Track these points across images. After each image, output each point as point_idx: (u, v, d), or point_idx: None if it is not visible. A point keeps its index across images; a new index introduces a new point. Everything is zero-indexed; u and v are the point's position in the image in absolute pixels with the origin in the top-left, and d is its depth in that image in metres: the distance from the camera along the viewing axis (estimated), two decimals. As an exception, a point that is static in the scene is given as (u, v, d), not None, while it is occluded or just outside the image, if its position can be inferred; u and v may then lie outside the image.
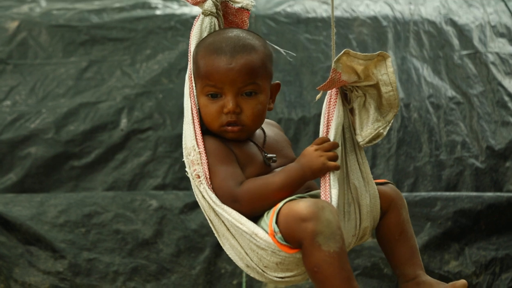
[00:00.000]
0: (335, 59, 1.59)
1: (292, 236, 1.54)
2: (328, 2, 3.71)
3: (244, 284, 3.04)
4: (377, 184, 1.73)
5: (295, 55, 2.70)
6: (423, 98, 3.47)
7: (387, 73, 1.61)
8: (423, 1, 3.79)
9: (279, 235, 1.55)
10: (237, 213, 1.60)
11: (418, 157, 3.35)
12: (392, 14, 3.70)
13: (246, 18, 1.79)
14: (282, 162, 1.71)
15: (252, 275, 1.65)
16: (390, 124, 1.65)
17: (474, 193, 3.23)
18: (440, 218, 3.16)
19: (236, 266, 3.03)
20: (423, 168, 3.33)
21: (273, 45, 1.81)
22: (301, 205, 1.53)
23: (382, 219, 1.71)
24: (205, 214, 1.67)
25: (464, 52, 3.62)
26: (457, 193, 3.23)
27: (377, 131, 1.64)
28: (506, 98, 3.50)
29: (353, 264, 3.08)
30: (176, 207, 3.08)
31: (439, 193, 3.22)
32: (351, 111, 1.67)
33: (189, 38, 3.81)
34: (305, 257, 1.53)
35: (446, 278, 3.10)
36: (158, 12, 3.56)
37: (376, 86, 1.63)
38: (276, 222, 1.56)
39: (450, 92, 3.50)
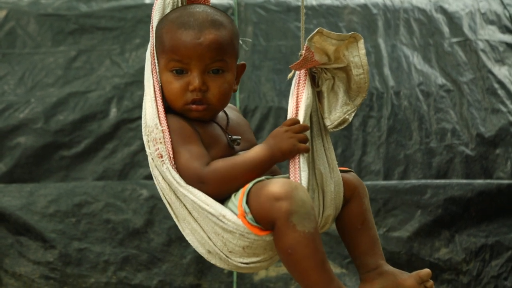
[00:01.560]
0: (309, 37, 1.54)
1: (265, 217, 1.47)
2: (318, -10, 3.70)
3: (235, 273, 3.05)
4: (340, 172, 1.67)
5: (250, 40, 2.67)
6: (413, 85, 3.47)
7: (358, 55, 1.56)
8: (413, -11, 3.79)
9: (249, 215, 1.48)
10: (204, 194, 1.52)
11: (409, 144, 3.36)
12: (382, 1, 3.69)
13: None
14: (245, 145, 1.65)
15: (213, 261, 1.58)
16: (356, 109, 1.61)
17: (464, 181, 3.25)
18: (430, 206, 3.17)
19: (227, 255, 3.03)
20: (413, 156, 3.34)
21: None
22: (274, 185, 1.47)
23: (344, 208, 1.66)
24: (163, 197, 1.59)
25: (454, 40, 3.62)
26: (447, 181, 3.24)
27: (345, 115, 1.60)
28: (496, 86, 3.51)
29: (344, 252, 3.09)
30: (167, 196, 3.08)
31: (429, 181, 3.23)
32: (319, 94, 1.62)
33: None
34: (279, 238, 1.46)
35: (436, 266, 3.12)
36: (147, 0, 3.54)
37: (346, 69, 1.58)
38: (247, 203, 1.49)
39: (440, 80, 3.50)
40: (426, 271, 1.60)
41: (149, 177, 3.20)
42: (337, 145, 3.29)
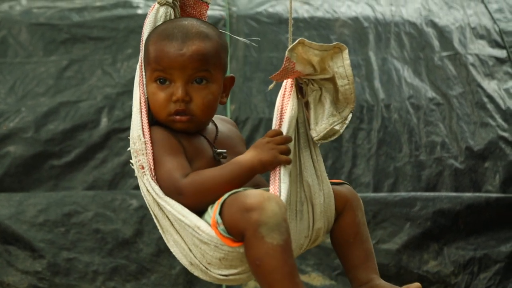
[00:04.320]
0: (289, 47, 1.53)
1: (235, 227, 1.45)
2: (310, 2, 3.72)
3: (224, 284, 3.04)
4: (333, 184, 1.66)
5: (256, 45, 2.65)
6: (404, 99, 3.49)
7: (343, 65, 1.54)
8: (404, 3, 3.81)
9: (221, 226, 1.47)
10: (180, 205, 1.52)
11: (398, 157, 3.37)
12: (373, 15, 3.71)
13: (204, 11, 1.73)
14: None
15: (196, 273, 1.57)
16: (346, 121, 1.59)
17: (453, 194, 3.26)
18: (419, 218, 3.18)
19: (217, 266, 3.03)
20: (403, 168, 3.35)
21: (233, 35, 1.76)
22: (247, 195, 1.45)
23: (336, 221, 1.65)
24: (149, 209, 1.60)
25: (444, 54, 3.65)
26: (436, 194, 3.25)
27: (331, 127, 1.57)
28: (485, 99, 3.53)
29: (333, 263, 3.09)
30: (157, 207, 3.07)
31: (418, 193, 3.24)
32: (306, 105, 1.61)
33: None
34: (247, 249, 1.44)
35: (425, 278, 3.12)
36: (139, 11, 3.55)
37: (332, 80, 1.57)
38: (220, 214, 1.48)
39: (430, 93, 3.52)
40: (416, 285, 1.59)
41: (139, 187, 3.19)
42: (327, 157, 3.30)
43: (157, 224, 1.60)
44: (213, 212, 1.49)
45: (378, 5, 3.78)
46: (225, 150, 1.64)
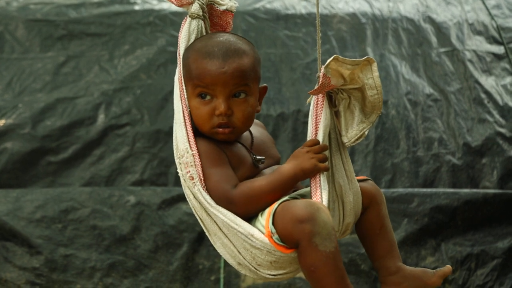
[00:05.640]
0: (325, 64, 1.65)
1: (289, 237, 1.59)
2: (307, -2, 3.71)
3: (221, 280, 3.04)
4: (358, 181, 1.79)
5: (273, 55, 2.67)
6: (401, 95, 3.49)
7: (372, 77, 1.67)
8: (402, -1, 3.81)
9: (276, 236, 1.61)
10: (233, 214, 1.65)
11: (396, 153, 3.37)
12: (371, 11, 3.71)
13: (230, 20, 1.84)
14: (269, 162, 1.77)
15: (243, 272, 1.70)
16: (373, 124, 1.72)
17: (451, 190, 3.26)
18: (417, 214, 3.18)
19: (214, 262, 3.03)
20: (400, 165, 3.35)
21: None
22: (298, 207, 1.59)
23: (363, 215, 1.78)
24: (195, 214, 1.71)
25: (442, 50, 3.65)
26: (434, 190, 3.25)
27: (362, 132, 1.70)
28: (483, 96, 3.53)
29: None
30: (154, 203, 3.08)
31: (416, 190, 3.24)
32: (336, 113, 1.73)
33: (167, 34, 3.80)
34: (302, 257, 1.59)
35: (422, 274, 3.13)
36: (136, 7, 3.55)
37: (361, 89, 1.69)
38: (273, 223, 1.61)
39: (428, 89, 3.52)
40: (448, 267, 1.76)
41: (136, 183, 3.19)
42: (324, 153, 3.30)
43: (204, 228, 1.72)
44: (265, 221, 1.63)
45: (375, 1, 3.77)
46: (263, 157, 1.76)
